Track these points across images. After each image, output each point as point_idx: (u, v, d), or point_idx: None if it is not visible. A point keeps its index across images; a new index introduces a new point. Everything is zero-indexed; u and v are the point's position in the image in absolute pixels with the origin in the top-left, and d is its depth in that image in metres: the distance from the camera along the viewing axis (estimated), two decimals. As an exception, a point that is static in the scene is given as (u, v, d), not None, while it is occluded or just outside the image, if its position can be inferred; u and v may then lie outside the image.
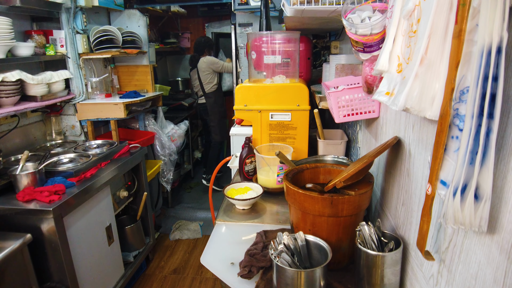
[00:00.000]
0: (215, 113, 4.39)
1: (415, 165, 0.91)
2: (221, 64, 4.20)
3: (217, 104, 4.39)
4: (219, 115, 4.44)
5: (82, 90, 2.87)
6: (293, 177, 1.24)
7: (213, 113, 4.39)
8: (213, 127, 4.45)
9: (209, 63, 4.19)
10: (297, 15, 1.43)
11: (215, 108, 4.38)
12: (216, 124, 4.43)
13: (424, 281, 0.84)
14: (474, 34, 0.55)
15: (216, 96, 4.37)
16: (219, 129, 4.46)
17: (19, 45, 2.31)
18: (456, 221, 0.58)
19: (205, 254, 1.28)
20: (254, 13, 3.45)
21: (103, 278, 2.27)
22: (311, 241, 1.05)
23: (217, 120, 4.42)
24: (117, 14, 3.37)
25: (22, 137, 2.57)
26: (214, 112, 4.38)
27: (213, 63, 4.19)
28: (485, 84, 0.52)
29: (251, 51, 1.99)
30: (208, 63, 4.19)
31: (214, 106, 4.36)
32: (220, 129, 4.47)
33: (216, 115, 4.40)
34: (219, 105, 4.42)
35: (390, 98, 0.78)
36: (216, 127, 4.44)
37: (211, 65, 4.19)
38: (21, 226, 1.80)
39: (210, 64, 4.19)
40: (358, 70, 1.61)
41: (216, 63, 4.20)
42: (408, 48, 0.75)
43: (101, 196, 2.24)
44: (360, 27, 1.00)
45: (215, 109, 4.38)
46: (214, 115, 4.39)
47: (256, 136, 1.91)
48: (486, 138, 0.53)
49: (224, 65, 4.21)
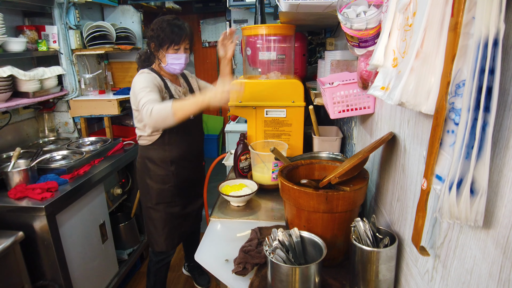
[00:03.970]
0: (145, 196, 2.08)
1: (410, 161, 0.91)
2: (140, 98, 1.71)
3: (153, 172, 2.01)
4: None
5: (75, 87, 2.84)
6: (288, 174, 1.23)
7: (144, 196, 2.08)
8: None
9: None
10: (292, 10, 1.42)
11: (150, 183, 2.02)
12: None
13: (419, 276, 0.83)
14: (470, 27, 0.54)
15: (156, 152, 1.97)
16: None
17: (10, 40, 2.27)
18: (451, 215, 0.57)
19: (200, 251, 1.28)
20: (249, 10, 3.43)
21: (97, 276, 2.25)
22: (306, 237, 1.05)
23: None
24: (111, 10, 3.33)
25: (14, 134, 2.54)
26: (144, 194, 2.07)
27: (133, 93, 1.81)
28: (481, 77, 0.51)
29: (246, 47, 1.98)
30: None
31: (144, 178, 2.02)
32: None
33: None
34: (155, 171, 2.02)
35: (386, 92, 0.77)
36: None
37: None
38: (13, 224, 1.77)
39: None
40: (353, 66, 1.61)
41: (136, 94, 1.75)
42: (403, 42, 0.74)
43: (94, 194, 2.21)
44: (355, 21, 0.99)
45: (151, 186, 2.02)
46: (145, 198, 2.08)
47: (251, 132, 1.90)
48: (482, 132, 0.52)
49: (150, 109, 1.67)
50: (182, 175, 2.01)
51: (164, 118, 1.59)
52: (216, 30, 5.32)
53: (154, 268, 2.16)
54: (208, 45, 5.41)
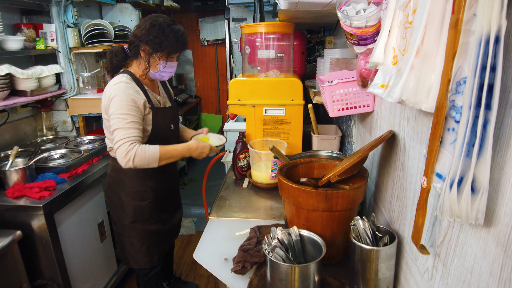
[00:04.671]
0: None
1: (409, 159, 0.91)
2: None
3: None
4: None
5: (74, 85, 2.83)
6: (287, 172, 1.23)
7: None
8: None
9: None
10: (291, 8, 1.41)
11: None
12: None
13: (418, 275, 0.83)
14: (471, 24, 0.54)
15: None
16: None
17: (8, 38, 2.26)
18: (452, 214, 0.57)
19: (199, 250, 1.27)
20: (248, 8, 3.42)
21: (96, 275, 2.24)
22: (305, 236, 1.04)
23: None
24: (109, 8, 3.32)
25: (12, 133, 2.52)
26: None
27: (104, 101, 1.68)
28: (482, 75, 0.51)
29: (245, 45, 1.97)
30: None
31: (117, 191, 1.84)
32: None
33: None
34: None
35: (386, 90, 0.77)
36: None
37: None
38: (10, 223, 1.77)
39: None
40: (353, 65, 1.60)
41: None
42: (403, 39, 0.74)
43: (93, 192, 2.21)
44: (355, 19, 0.99)
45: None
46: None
47: (250, 131, 1.89)
48: (483, 130, 0.52)
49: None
50: (161, 189, 1.84)
51: (147, 163, 1.54)
52: (215, 28, 5.30)
53: (142, 281, 1.97)
54: (207, 43, 5.39)
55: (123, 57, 1.72)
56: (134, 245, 1.84)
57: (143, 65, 1.68)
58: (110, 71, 1.75)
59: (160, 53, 1.63)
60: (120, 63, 1.73)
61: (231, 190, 1.74)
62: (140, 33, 1.62)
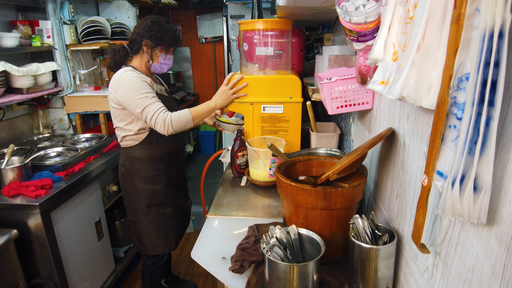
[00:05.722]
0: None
1: (409, 157, 0.89)
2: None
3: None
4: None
5: (70, 83, 2.80)
6: (286, 170, 1.22)
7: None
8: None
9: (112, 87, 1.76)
10: (290, 4, 1.40)
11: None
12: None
13: (418, 274, 0.82)
14: (473, 18, 0.53)
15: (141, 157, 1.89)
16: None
17: (3, 35, 2.24)
18: (454, 212, 0.56)
19: (196, 248, 1.26)
20: (246, 5, 3.40)
21: (93, 273, 2.23)
22: (304, 234, 1.03)
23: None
24: (106, 5, 3.29)
25: (8, 131, 2.50)
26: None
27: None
28: (486, 70, 0.49)
29: (243, 42, 1.95)
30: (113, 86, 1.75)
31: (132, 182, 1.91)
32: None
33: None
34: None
35: (386, 87, 0.76)
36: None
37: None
38: (6, 222, 1.75)
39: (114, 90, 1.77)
40: (352, 62, 1.59)
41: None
42: (404, 35, 0.72)
43: (90, 191, 2.19)
44: (354, 15, 0.97)
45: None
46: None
47: (248, 129, 1.88)
48: (486, 127, 0.51)
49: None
50: (172, 174, 1.96)
51: (184, 125, 1.73)
52: (212, 25, 5.28)
53: (148, 271, 2.07)
54: (205, 41, 5.37)
55: (124, 54, 1.85)
56: (151, 230, 1.94)
57: (145, 58, 1.84)
58: (113, 68, 1.86)
59: (160, 46, 1.81)
60: (122, 60, 1.86)
61: (229, 188, 1.73)
62: (142, 30, 1.79)
